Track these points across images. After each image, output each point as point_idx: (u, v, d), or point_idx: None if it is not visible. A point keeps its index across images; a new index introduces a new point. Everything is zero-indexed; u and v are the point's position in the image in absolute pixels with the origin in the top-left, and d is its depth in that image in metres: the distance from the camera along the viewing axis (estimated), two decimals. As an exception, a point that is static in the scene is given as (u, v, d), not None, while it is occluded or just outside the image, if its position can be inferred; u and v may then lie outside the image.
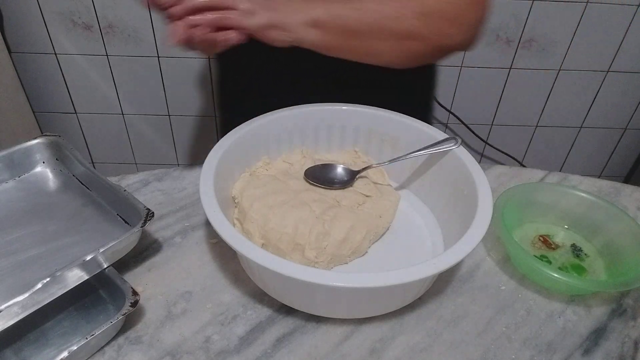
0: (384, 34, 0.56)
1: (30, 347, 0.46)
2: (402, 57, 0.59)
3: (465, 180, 0.54)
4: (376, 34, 0.56)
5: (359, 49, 0.57)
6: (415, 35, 0.56)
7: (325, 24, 0.54)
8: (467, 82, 1.42)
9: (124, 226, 0.55)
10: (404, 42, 0.57)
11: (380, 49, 0.57)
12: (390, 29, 0.55)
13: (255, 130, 0.60)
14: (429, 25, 0.56)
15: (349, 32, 0.55)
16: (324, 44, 0.55)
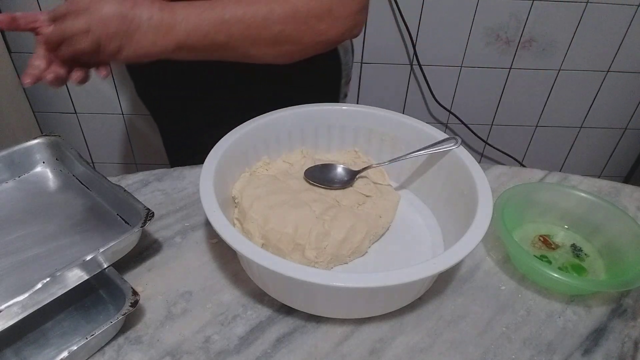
0: (254, 42, 0.55)
1: (30, 347, 0.46)
2: (280, 58, 0.58)
3: (465, 180, 0.54)
4: (247, 42, 0.55)
5: (234, 56, 0.57)
6: (286, 39, 0.56)
7: (189, 46, 0.53)
8: (467, 82, 1.42)
9: (124, 226, 0.55)
10: (276, 46, 0.56)
11: (256, 54, 0.57)
12: (259, 37, 0.55)
13: (255, 130, 0.60)
14: (299, 27, 0.55)
15: (218, 45, 0.54)
16: (196, 58, 0.55)
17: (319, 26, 0.55)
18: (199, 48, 0.53)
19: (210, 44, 0.53)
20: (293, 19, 0.54)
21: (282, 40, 0.55)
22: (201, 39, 0.52)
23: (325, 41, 0.58)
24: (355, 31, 0.59)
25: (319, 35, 0.57)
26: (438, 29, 1.32)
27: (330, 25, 0.56)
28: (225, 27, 0.53)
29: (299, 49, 0.58)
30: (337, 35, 0.58)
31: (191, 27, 0.52)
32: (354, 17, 0.57)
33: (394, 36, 1.34)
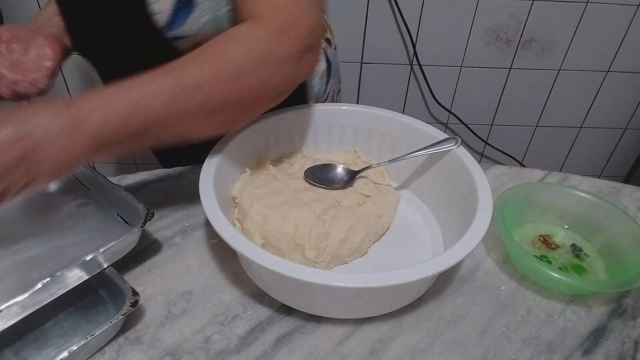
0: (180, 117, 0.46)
1: (30, 347, 0.46)
2: (222, 127, 0.50)
3: (465, 180, 0.54)
4: (171, 120, 0.45)
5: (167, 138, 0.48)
6: (217, 104, 0.46)
7: (107, 140, 0.44)
8: (467, 82, 1.42)
9: (124, 226, 0.55)
10: (210, 116, 0.47)
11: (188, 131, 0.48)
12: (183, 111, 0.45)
13: (255, 130, 0.60)
14: (228, 86, 0.46)
15: (139, 132, 0.45)
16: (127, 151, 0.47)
17: (253, 79, 0.47)
18: (121, 140, 0.44)
19: (131, 132, 0.44)
20: (218, 79, 0.45)
21: (214, 108, 0.46)
22: (116, 129, 0.43)
23: (267, 94, 0.49)
24: (304, 75, 0.51)
25: (257, 90, 0.48)
26: (438, 29, 1.32)
27: (268, 76, 0.47)
28: (139, 109, 0.43)
29: (239, 111, 0.49)
30: (278, 84, 0.49)
31: (102, 119, 0.42)
32: (300, 59, 0.48)
33: (394, 36, 1.34)
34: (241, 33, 0.47)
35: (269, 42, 0.46)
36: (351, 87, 1.45)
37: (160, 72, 0.45)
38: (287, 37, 0.47)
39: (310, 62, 0.51)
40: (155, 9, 0.53)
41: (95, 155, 0.45)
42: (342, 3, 1.27)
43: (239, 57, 0.46)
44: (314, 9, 0.48)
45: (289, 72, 0.49)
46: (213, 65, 0.45)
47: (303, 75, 0.51)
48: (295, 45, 0.47)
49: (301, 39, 0.48)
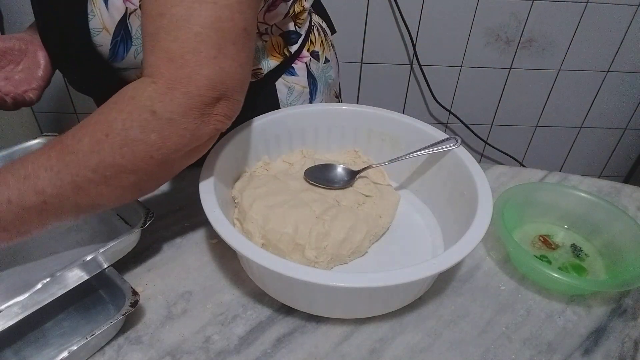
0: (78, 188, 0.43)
1: (30, 347, 0.46)
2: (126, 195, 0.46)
3: (465, 180, 0.54)
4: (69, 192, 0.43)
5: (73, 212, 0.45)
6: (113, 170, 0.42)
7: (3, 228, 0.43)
8: (467, 82, 1.42)
9: (124, 226, 0.55)
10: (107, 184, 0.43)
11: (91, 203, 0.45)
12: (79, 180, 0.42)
13: (255, 130, 0.60)
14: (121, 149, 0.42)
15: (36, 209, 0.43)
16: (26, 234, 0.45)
17: (145, 142, 0.41)
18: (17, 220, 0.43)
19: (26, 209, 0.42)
20: (107, 145, 0.41)
21: (111, 174, 0.42)
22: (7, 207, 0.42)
23: (171, 154, 0.43)
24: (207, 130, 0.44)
25: (155, 152, 0.42)
26: (438, 29, 1.32)
27: (163, 136, 0.42)
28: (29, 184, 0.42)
29: (146, 174, 0.44)
30: (181, 144, 0.43)
31: None
32: (192, 116, 0.43)
33: (394, 36, 1.34)
34: (130, 90, 0.43)
35: (157, 99, 0.41)
36: (351, 87, 1.45)
37: (50, 145, 0.43)
38: (179, 92, 0.41)
39: (219, 115, 0.44)
40: (96, 42, 0.54)
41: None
42: (342, 3, 1.27)
43: (125, 120, 0.41)
44: (220, 59, 0.42)
45: (190, 129, 0.43)
46: (100, 132, 0.41)
47: (211, 131, 0.45)
48: (190, 101, 0.42)
49: (198, 94, 0.42)
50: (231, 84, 0.44)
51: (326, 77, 0.74)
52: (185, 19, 0.41)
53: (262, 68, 0.64)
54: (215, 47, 0.42)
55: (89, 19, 0.53)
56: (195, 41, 0.41)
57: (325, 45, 0.75)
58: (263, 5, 0.58)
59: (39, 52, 0.63)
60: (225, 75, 0.43)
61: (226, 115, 0.45)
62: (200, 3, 0.41)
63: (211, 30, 0.42)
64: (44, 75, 0.63)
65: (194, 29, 0.41)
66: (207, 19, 0.41)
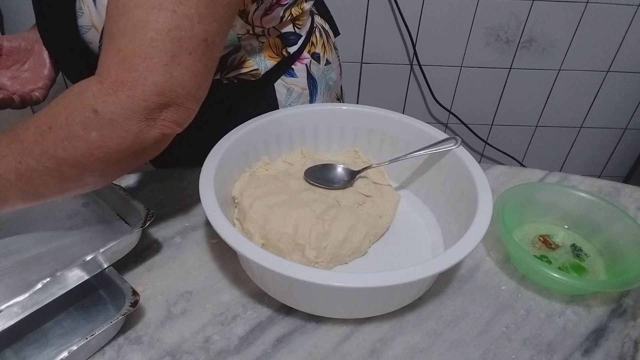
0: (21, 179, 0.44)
1: (30, 347, 0.46)
2: (71, 188, 0.47)
3: (465, 180, 0.54)
4: (11, 180, 0.44)
5: (18, 199, 0.46)
6: (58, 164, 0.43)
7: None
8: (467, 82, 1.43)
9: (124, 226, 0.55)
10: (54, 177, 0.44)
11: (51, 193, 0.46)
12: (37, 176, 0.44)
13: (255, 130, 0.60)
14: (61, 143, 0.42)
15: None
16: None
17: (86, 139, 0.42)
18: None
19: None
20: (50, 138, 0.42)
21: (52, 166, 0.43)
22: None
23: (113, 154, 0.43)
24: (152, 134, 0.44)
25: (96, 150, 0.42)
26: (438, 29, 1.32)
27: (103, 135, 0.42)
28: None
29: (87, 170, 0.44)
30: (123, 145, 0.43)
31: None
32: (137, 120, 0.42)
33: (394, 36, 1.34)
34: (77, 87, 0.43)
35: (101, 99, 0.41)
36: (351, 87, 1.45)
37: (4, 132, 0.44)
38: (123, 94, 0.41)
39: (166, 121, 0.44)
40: (85, 39, 0.54)
41: None
42: (342, 3, 1.27)
43: (68, 115, 0.42)
44: (172, 67, 0.42)
45: (132, 132, 0.43)
46: (45, 124, 0.43)
47: (157, 135, 0.44)
48: (133, 104, 0.41)
49: (142, 99, 0.41)
50: (182, 92, 0.43)
51: (327, 79, 0.74)
52: (143, 23, 0.41)
53: (259, 69, 0.64)
54: (168, 55, 0.42)
55: (77, 16, 0.53)
56: (149, 46, 0.41)
57: (327, 47, 0.75)
58: (258, 9, 0.58)
59: (45, 51, 0.63)
60: (175, 83, 0.43)
61: (175, 122, 0.45)
62: (159, 9, 0.41)
63: (167, 38, 0.41)
64: (50, 74, 0.63)
65: (149, 34, 0.41)
66: (164, 25, 0.41)
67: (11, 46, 0.62)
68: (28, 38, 0.63)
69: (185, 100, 0.44)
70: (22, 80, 0.62)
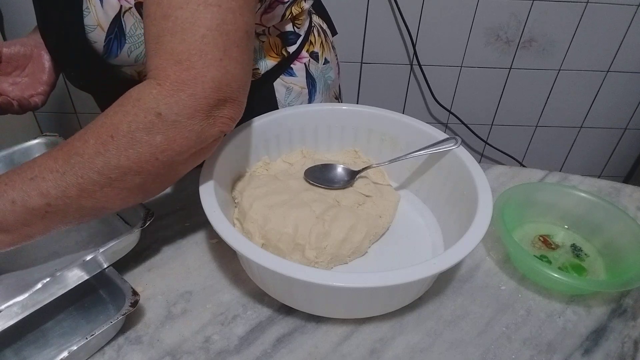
0: (83, 191, 0.43)
1: (30, 347, 0.46)
2: (131, 198, 0.45)
3: (465, 180, 0.54)
4: (74, 194, 0.43)
5: (78, 216, 0.45)
6: (118, 172, 0.42)
7: (6, 230, 0.43)
8: (467, 82, 1.42)
9: (124, 226, 0.55)
10: (111, 186, 0.43)
11: (97, 205, 0.44)
12: (84, 183, 0.42)
13: (255, 130, 0.60)
14: (126, 150, 0.42)
15: (40, 212, 0.43)
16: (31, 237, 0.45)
17: (150, 144, 0.42)
18: (22, 221, 0.43)
19: (29, 210, 0.42)
20: (112, 147, 0.41)
21: (116, 177, 0.42)
22: (11, 208, 0.42)
23: (176, 156, 0.44)
24: (212, 132, 0.45)
25: (160, 154, 0.43)
26: (438, 29, 1.32)
27: (168, 137, 0.42)
28: (34, 186, 0.42)
29: (150, 177, 0.44)
30: (186, 146, 0.44)
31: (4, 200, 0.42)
32: (199, 119, 0.43)
33: (394, 36, 1.34)
34: (135, 93, 0.43)
35: (163, 102, 0.41)
36: (351, 87, 1.45)
37: (58, 147, 0.43)
38: (185, 94, 0.41)
39: (224, 118, 0.45)
40: (91, 38, 0.54)
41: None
42: (342, 3, 1.27)
43: (130, 122, 0.41)
44: (225, 61, 0.43)
45: (195, 131, 0.43)
46: (106, 134, 0.42)
47: (217, 133, 0.45)
48: (196, 102, 0.42)
49: (204, 96, 0.42)
50: (235, 85, 0.44)
51: (325, 78, 0.74)
52: (191, 21, 0.41)
53: (259, 68, 0.64)
54: (220, 49, 0.42)
55: (84, 15, 0.53)
56: (202, 43, 0.42)
57: (325, 46, 0.75)
58: (260, 7, 0.58)
59: (44, 56, 0.63)
60: (230, 77, 0.43)
61: (231, 117, 0.46)
62: (205, 6, 0.42)
63: (216, 33, 0.42)
64: (49, 79, 0.64)
65: (200, 32, 0.41)
66: (213, 21, 0.42)
67: (10, 52, 0.62)
68: (27, 44, 0.63)
69: (238, 94, 0.45)
70: (21, 86, 0.62)
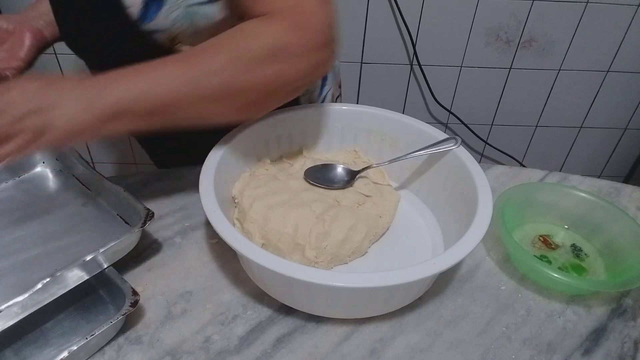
0: (195, 99, 0.47)
1: (30, 347, 0.46)
2: (235, 114, 0.51)
3: (465, 180, 0.54)
4: (188, 100, 0.47)
5: (181, 118, 0.49)
6: (231, 91, 0.47)
7: (123, 110, 0.46)
8: (467, 82, 1.42)
9: (124, 226, 0.55)
10: (223, 102, 0.48)
11: (203, 114, 0.49)
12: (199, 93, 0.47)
13: (255, 130, 0.60)
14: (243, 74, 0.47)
15: (155, 108, 0.47)
16: (132, 129, 0.48)
17: (269, 70, 0.47)
18: (134, 115, 0.46)
19: (145, 108, 0.46)
20: (236, 66, 0.46)
21: (229, 94, 0.47)
22: (131, 103, 0.45)
23: (283, 87, 0.49)
24: (321, 70, 0.52)
25: (273, 81, 0.48)
26: (438, 29, 1.32)
27: (286, 68, 0.47)
28: (155, 87, 0.46)
29: (254, 101, 0.49)
30: (295, 78, 0.49)
31: (118, 90, 0.45)
32: (317, 53, 0.48)
33: (394, 36, 1.34)
34: (256, 27, 0.47)
35: (286, 36, 0.46)
36: (351, 87, 1.45)
37: (179, 56, 0.47)
38: (303, 31, 0.47)
39: (327, 57, 0.50)
40: (126, 2, 0.53)
41: (108, 126, 0.46)
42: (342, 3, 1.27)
43: (257, 48, 0.46)
44: (326, 5, 0.49)
45: (306, 66, 0.49)
46: (231, 53, 0.46)
47: (320, 71, 0.52)
48: (312, 40, 0.48)
49: (317, 34, 0.48)
50: (334, 29, 0.50)
51: (334, 66, 0.76)
52: None
53: None
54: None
55: None
56: None
57: None
58: None
59: (26, 34, 0.63)
60: (332, 20, 0.49)
61: (330, 59, 0.51)
62: None
63: None
64: (26, 57, 0.63)
65: None
66: None
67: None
68: (12, 20, 0.63)
69: (335, 39, 0.50)
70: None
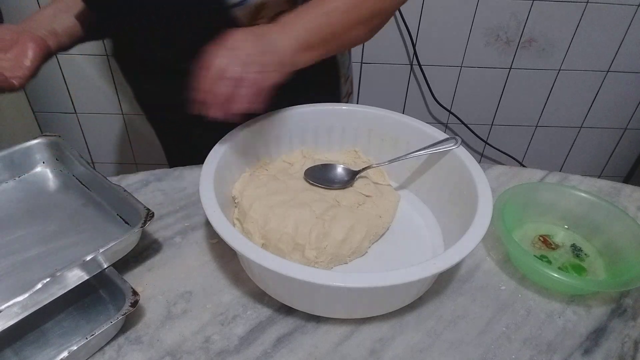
0: (352, 25, 0.57)
1: (30, 347, 0.46)
2: (369, 34, 0.61)
3: (465, 180, 0.54)
4: (347, 27, 0.57)
5: (338, 45, 0.60)
6: (374, 14, 0.59)
7: (312, 44, 0.55)
8: (467, 82, 1.42)
9: (124, 226, 0.55)
10: (368, 24, 0.59)
11: (353, 38, 0.60)
12: (355, 19, 0.57)
13: (255, 130, 0.60)
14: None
15: (326, 38, 0.56)
16: (313, 60, 0.57)
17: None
18: (315, 45, 0.55)
19: (322, 37, 0.56)
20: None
21: (372, 16, 0.59)
22: (313, 34, 0.55)
23: (397, 7, 0.62)
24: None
25: (398, 3, 0.61)
26: (438, 29, 1.32)
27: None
28: (328, 18, 0.56)
29: (383, 20, 0.61)
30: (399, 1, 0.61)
31: (303, 26, 0.54)
32: None
33: (394, 36, 1.34)
34: None
35: None
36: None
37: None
38: None
39: None
40: None
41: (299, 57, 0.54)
42: (342, 3, 1.27)
43: None
44: None
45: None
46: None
47: None
48: None
49: None
50: None
51: (347, 62, 0.81)
52: None
53: None
54: None
55: None
56: None
57: None
58: None
59: (30, 43, 0.63)
60: None
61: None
62: None
63: None
64: (31, 66, 0.63)
65: None
66: None
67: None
68: (15, 30, 0.64)
69: None
70: (2, 65, 0.62)
